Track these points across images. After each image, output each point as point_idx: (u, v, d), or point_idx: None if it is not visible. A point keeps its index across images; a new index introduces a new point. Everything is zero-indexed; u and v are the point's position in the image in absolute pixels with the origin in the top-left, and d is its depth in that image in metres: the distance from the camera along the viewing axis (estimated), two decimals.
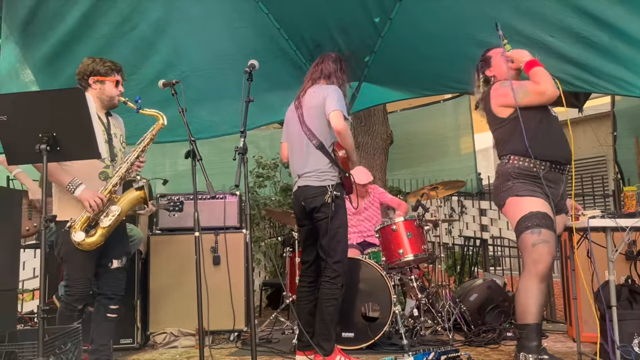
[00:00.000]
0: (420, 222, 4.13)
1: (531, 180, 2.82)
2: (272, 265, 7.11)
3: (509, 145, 2.90)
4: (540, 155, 2.81)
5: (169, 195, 4.40)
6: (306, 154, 3.36)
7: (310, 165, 3.33)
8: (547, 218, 2.72)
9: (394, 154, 7.17)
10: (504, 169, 2.89)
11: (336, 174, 3.30)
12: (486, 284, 4.42)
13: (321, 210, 3.25)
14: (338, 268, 3.26)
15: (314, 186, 3.29)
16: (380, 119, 6.57)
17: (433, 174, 7.59)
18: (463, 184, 4.73)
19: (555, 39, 3.80)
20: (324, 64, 3.48)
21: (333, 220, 3.22)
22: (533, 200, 2.76)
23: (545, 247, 2.68)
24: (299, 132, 3.39)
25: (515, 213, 2.80)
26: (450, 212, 7.63)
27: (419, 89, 5.24)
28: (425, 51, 4.44)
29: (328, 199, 3.19)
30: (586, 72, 4.07)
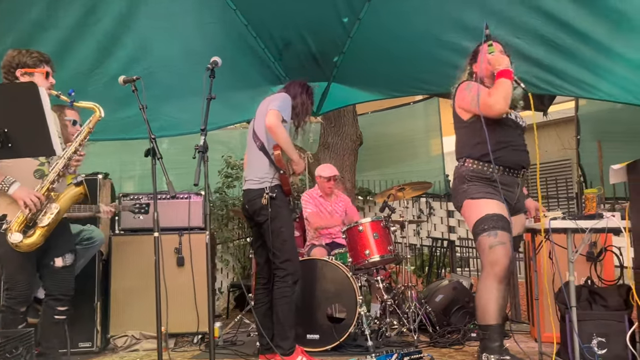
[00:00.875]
0: (387, 223, 4.13)
1: (486, 183, 2.83)
2: (241, 267, 7.03)
3: (466, 148, 2.91)
4: (494, 161, 2.81)
5: (132, 195, 4.29)
6: (251, 157, 3.45)
7: (253, 167, 3.40)
8: (503, 220, 2.73)
9: (363, 155, 7.17)
10: (460, 172, 2.91)
11: (274, 176, 3.33)
12: (452, 285, 4.44)
13: (261, 213, 3.30)
14: (287, 267, 3.28)
15: (253, 189, 3.36)
16: (350, 120, 6.57)
17: (402, 175, 7.62)
18: (429, 185, 4.74)
19: (521, 41, 3.83)
20: (291, 86, 3.59)
21: (274, 221, 3.26)
22: (488, 203, 2.76)
23: (502, 249, 2.69)
24: (250, 138, 3.47)
25: (472, 215, 2.80)
26: (418, 213, 7.68)
27: (388, 90, 5.25)
28: (393, 52, 4.44)
29: (264, 201, 3.24)
30: (551, 74, 4.11)
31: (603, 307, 2.94)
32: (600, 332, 2.87)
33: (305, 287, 3.83)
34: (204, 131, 2.68)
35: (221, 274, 7.12)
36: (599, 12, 3.54)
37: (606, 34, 3.59)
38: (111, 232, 4.32)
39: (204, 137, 2.67)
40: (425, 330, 4.20)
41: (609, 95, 4.13)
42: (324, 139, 6.65)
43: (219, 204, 7.14)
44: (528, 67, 3.97)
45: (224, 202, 7.06)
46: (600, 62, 3.84)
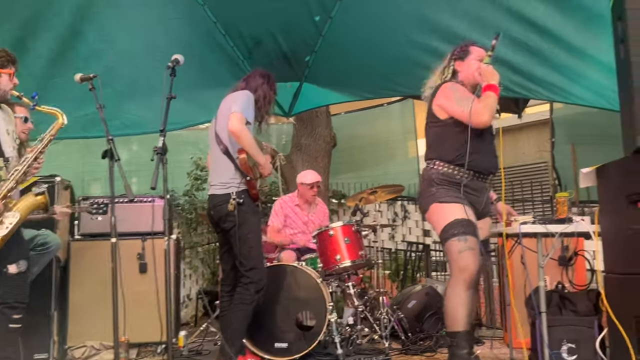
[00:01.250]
0: (359, 227, 4.13)
1: (455, 187, 2.84)
2: (210, 273, 6.96)
3: (437, 150, 2.91)
4: (463, 165, 2.82)
5: (92, 198, 4.20)
6: (214, 161, 3.40)
7: (217, 172, 3.36)
8: (471, 225, 2.75)
9: (337, 157, 7.17)
10: (428, 175, 2.91)
11: (241, 180, 3.30)
12: (424, 290, 4.46)
13: (227, 219, 3.27)
14: (252, 275, 3.25)
15: (218, 194, 3.32)
16: (323, 121, 6.57)
17: (378, 178, 7.63)
18: (402, 188, 4.76)
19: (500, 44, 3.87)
20: (251, 77, 3.52)
21: (241, 227, 3.23)
22: (457, 207, 2.78)
23: (471, 255, 2.71)
24: (212, 140, 3.42)
25: (440, 220, 2.81)
26: (393, 216, 7.71)
27: (361, 91, 5.26)
28: (366, 52, 4.45)
29: (230, 207, 3.21)
30: (524, 78, 4.18)
31: (573, 313, 2.99)
32: (570, 338, 2.92)
33: (274, 293, 3.81)
34: (163, 132, 2.64)
35: (190, 280, 7.04)
36: (572, 16, 3.60)
37: (577, 35, 3.64)
38: (70, 237, 4.22)
39: (162, 138, 2.63)
40: (398, 337, 4.21)
41: (581, 99, 4.22)
42: (296, 140, 6.63)
43: (187, 207, 7.07)
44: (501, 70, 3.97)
45: (192, 205, 6.99)
46: (573, 66, 3.91)
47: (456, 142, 2.83)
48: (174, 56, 2.92)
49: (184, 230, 7.02)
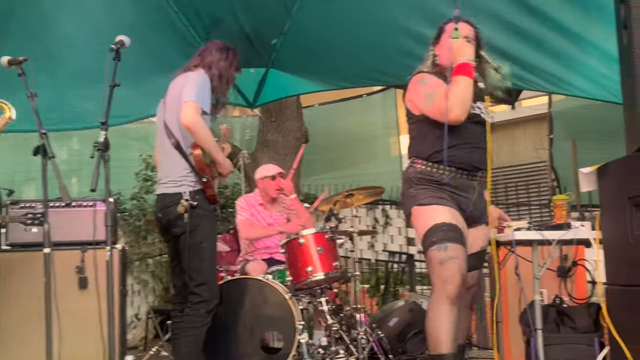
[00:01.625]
0: (333, 234, 4.13)
1: (435, 187, 2.85)
2: (163, 289, 6.89)
3: (415, 147, 2.94)
4: (442, 161, 2.83)
5: (23, 203, 4.11)
6: (163, 154, 3.33)
7: (167, 168, 3.29)
8: (455, 230, 2.75)
9: (310, 155, 7.15)
10: (407, 174, 2.93)
11: (196, 179, 3.22)
12: (407, 307, 4.49)
13: (177, 224, 3.18)
14: (202, 292, 3.16)
15: (168, 194, 3.23)
16: (293, 114, 6.57)
17: (357, 180, 7.65)
18: (382, 190, 4.79)
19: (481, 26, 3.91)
20: (207, 51, 3.41)
21: (193, 234, 3.13)
22: (438, 210, 2.79)
23: (454, 265, 2.70)
24: (160, 130, 3.35)
25: (420, 226, 2.82)
26: (373, 223, 7.75)
27: (337, 79, 5.29)
28: (342, 36, 4.47)
29: (181, 209, 3.12)
30: (518, 66, 4.22)
31: (572, 329, 3.05)
32: (569, 357, 2.97)
33: (236, 311, 3.78)
34: (105, 125, 2.60)
35: (139, 297, 6.97)
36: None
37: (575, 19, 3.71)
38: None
39: (104, 132, 2.59)
40: (378, 359, 4.23)
41: (581, 90, 4.30)
42: (262, 135, 6.61)
43: (135, 213, 7.00)
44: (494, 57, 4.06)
45: (141, 210, 6.92)
46: (571, 53, 3.98)
47: (432, 136, 2.85)
48: (118, 37, 2.89)
49: (132, 239, 6.94)
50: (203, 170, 3.21)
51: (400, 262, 7.07)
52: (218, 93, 3.34)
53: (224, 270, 4.27)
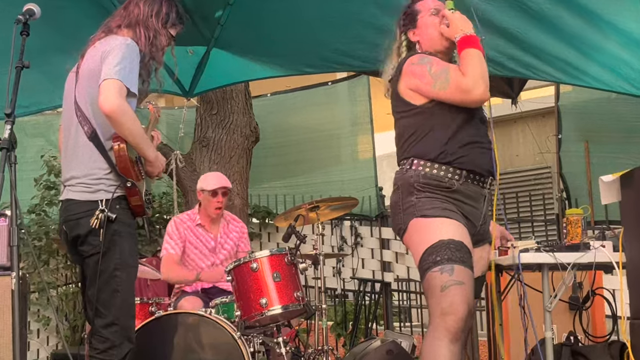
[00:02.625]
0: (293, 257, 4.15)
1: (443, 195, 2.90)
2: (69, 327, 6.80)
3: (414, 145, 2.98)
4: (455, 162, 2.90)
5: None
6: (73, 147, 3.18)
7: (77, 166, 3.15)
8: (463, 249, 2.81)
9: (261, 158, 7.20)
10: (405, 178, 2.96)
11: (117, 182, 3.10)
12: (385, 348, 4.53)
13: (87, 240, 3.07)
14: (111, 334, 3.03)
15: (79, 201, 3.11)
16: (240, 106, 6.58)
17: (318, 188, 7.72)
18: (355, 202, 4.82)
19: (482, 1, 4.00)
20: (132, 4, 3.29)
21: (107, 257, 3.03)
22: (445, 223, 2.83)
23: (459, 292, 2.75)
24: (70, 113, 3.21)
25: (419, 241, 2.86)
26: (340, 243, 7.79)
27: (295, 63, 5.31)
28: (302, 8, 4.50)
29: (95, 223, 3.00)
30: (522, 49, 4.34)
31: None
32: None
33: (171, 355, 3.77)
34: (11, 117, 2.58)
35: (37, 338, 6.86)
36: None
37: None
38: None
39: (10, 126, 2.56)
40: None
41: (597, 81, 4.43)
42: (201, 132, 6.61)
43: (35, 231, 6.89)
44: (493, 39, 4.16)
45: (43, 227, 6.84)
46: (587, 36, 4.09)
47: (440, 132, 2.91)
48: (27, 6, 2.86)
49: (29, 264, 6.84)
50: (127, 170, 3.09)
51: (374, 293, 7.12)
52: (148, 64, 3.25)
53: (153, 303, 4.25)
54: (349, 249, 7.70)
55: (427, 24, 3.07)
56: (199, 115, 6.68)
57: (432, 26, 3.05)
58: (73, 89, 3.22)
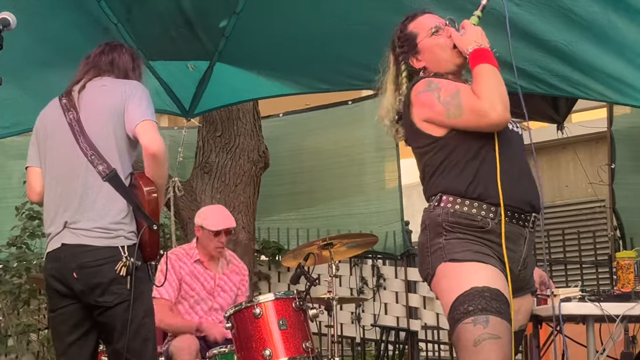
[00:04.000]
0: (302, 302, 4.13)
1: (475, 236, 2.86)
2: None
3: (441, 179, 2.94)
4: (488, 197, 2.86)
5: None
6: (83, 187, 3.34)
7: (92, 208, 3.32)
8: (500, 299, 2.75)
9: (270, 186, 7.18)
10: (433, 217, 2.92)
11: (133, 229, 3.31)
12: None
13: (111, 290, 3.22)
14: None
15: (98, 247, 3.27)
16: (247, 127, 6.61)
17: (334, 222, 7.69)
18: (374, 239, 4.79)
19: (522, 10, 3.98)
20: (115, 53, 3.62)
21: (136, 306, 3.23)
22: (479, 268, 2.79)
23: (495, 347, 2.69)
24: (70, 150, 3.38)
25: (450, 289, 2.81)
26: (360, 285, 7.73)
27: (310, 79, 5.33)
28: (321, 18, 4.52)
29: (121, 269, 3.19)
30: (568, 64, 4.30)
31: None
32: None
33: None
34: None
35: None
36: None
37: None
38: None
39: None
40: None
41: None
42: (203, 156, 6.63)
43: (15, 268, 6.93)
44: (531, 51, 4.14)
45: (24, 262, 6.87)
46: None
47: (470, 162, 2.89)
48: (1, 15, 2.90)
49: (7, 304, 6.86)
50: (157, 214, 3.34)
51: (398, 343, 7.06)
52: None
53: None
54: (370, 292, 7.62)
55: (431, 46, 3.04)
56: (200, 137, 6.71)
57: (438, 46, 3.02)
58: (66, 127, 3.43)
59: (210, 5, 4.60)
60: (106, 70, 3.56)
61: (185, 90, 5.37)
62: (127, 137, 3.37)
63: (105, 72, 3.55)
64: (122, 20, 4.60)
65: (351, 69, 5.01)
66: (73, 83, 3.56)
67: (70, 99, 3.47)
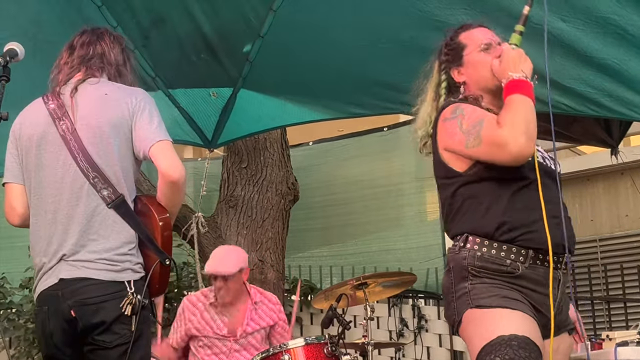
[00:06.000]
0: (335, 348, 4.12)
1: (504, 280, 2.86)
2: None
3: (466, 218, 2.95)
4: (517, 240, 2.86)
5: None
6: (84, 214, 3.17)
7: (95, 239, 3.16)
8: (529, 347, 2.74)
9: (301, 221, 7.20)
10: (457, 260, 2.92)
11: (140, 261, 3.19)
12: None
13: (113, 329, 3.09)
14: None
15: (103, 282, 3.11)
16: (275, 157, 6.65)
17: (372, 258, 7.67)
18: (412, 278, 4.77)
19: (569, 26, 4.00)
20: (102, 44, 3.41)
21: (136, 347, 3.10)
22: (506, 315, 2.79)
23: None
24: (66, 169, 3.20)
25: (476, 337, 2.81)
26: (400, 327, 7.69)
27: (343, 103, 5.35)
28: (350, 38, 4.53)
29: (127, 308, 3.06)
30: (622, 84, 4.30)
31: None
32: None
33: None
34: None
35: None
36: None
37: None
38: None
39: None
40: None
41: None
42: (227, 189, 6.67)
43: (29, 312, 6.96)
44: (581, 70, 4.13)
45: None
46: None
47: (497, 201, 2.88)
48: (8, 45, 2.94)
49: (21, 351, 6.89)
50: (170, 247, 3.23)
51: None
52: None
53: None
54: (411, 335, 7.58)
55: (476, 62, 3.05)
56: (225, 169, 6.75)
57: (483, 65, 3.03)
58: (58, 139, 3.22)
59: (233, 29, 4.64)
60: (98, 68, 3.36)
61: (207, 120, 5.41)
62: (133, 157, 3.23)
63: (97, 70, 3.36)
64: (139, 46, 4.65)
65: (384, 91, 5.02)
66: (59, 82, 3.33)
67: (60, 105, 3.26)
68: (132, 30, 4.55)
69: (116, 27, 4.50)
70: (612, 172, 9.11)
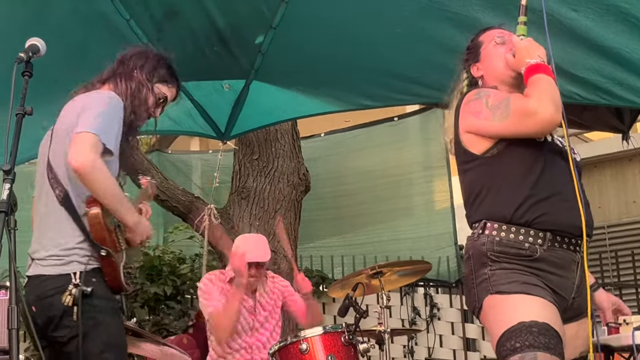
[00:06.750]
0: (352, 336, 4.14)
1: (524, 265, 2.88)
2: None
3: (484, 204, 2.98)
4: (535, 222, 2.88)
5: None
6: (45, 214, 3.27)
7: (46, 234, 3.23)
8: (549, 333, 2.76)
9: (312, 211, 7.20)
10: (476, 246, 2.95)
11: (91, 252, 3.16)
12: None
13: (63, 323, 3.09)
14: None
15: (48, 276, 3.15)
16: (286, 149, 6.67)
17: (383, 247, 7.67)
18: (427, 267, 4.79)
19: (580, 16, 4.02)
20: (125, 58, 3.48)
21: (89, 340, 3.06)
22: (526, 301, 2.80)
23: None
24: (42, 177, 3.31)
25: (497, 323, 2.83)
26: (412, 315, 7.71)
27: (354, 95, 5.36)
28: (362, 28, 4.54)
29: (67, 300, 3.02)
30: (633, 72, 4.32)
31: None
32: None
33: None
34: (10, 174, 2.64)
35: None
36: None
37: None
38: None
39: (9, 185, 2.62)
40: None
41: None
42: (239, 181, 6.68)
43: None
44: (592, 59, 4.15)
45: None
46: None
47: (513, 184, 2.91)
48: (30, 41, 2.94)
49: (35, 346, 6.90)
50: (103, 238, 3.16)
51: None
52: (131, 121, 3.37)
53: None
54: (423, 323, 7.62)
55: (490, 55, 3.13)
56: (237, 161, 6.77)
57: (497, 56, 3.10)
58: (47, 148, 3.31)
59: (245, 21, 4.64)
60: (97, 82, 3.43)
61: (220, 112, 5.45)
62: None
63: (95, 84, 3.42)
64: (152, 39, 4.64)
65: (395, 82, 5.04)
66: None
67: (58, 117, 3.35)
68: (145, 23, 4.55)
69: (129, 19, 4.52)
70: (619, 159, 9.12)
